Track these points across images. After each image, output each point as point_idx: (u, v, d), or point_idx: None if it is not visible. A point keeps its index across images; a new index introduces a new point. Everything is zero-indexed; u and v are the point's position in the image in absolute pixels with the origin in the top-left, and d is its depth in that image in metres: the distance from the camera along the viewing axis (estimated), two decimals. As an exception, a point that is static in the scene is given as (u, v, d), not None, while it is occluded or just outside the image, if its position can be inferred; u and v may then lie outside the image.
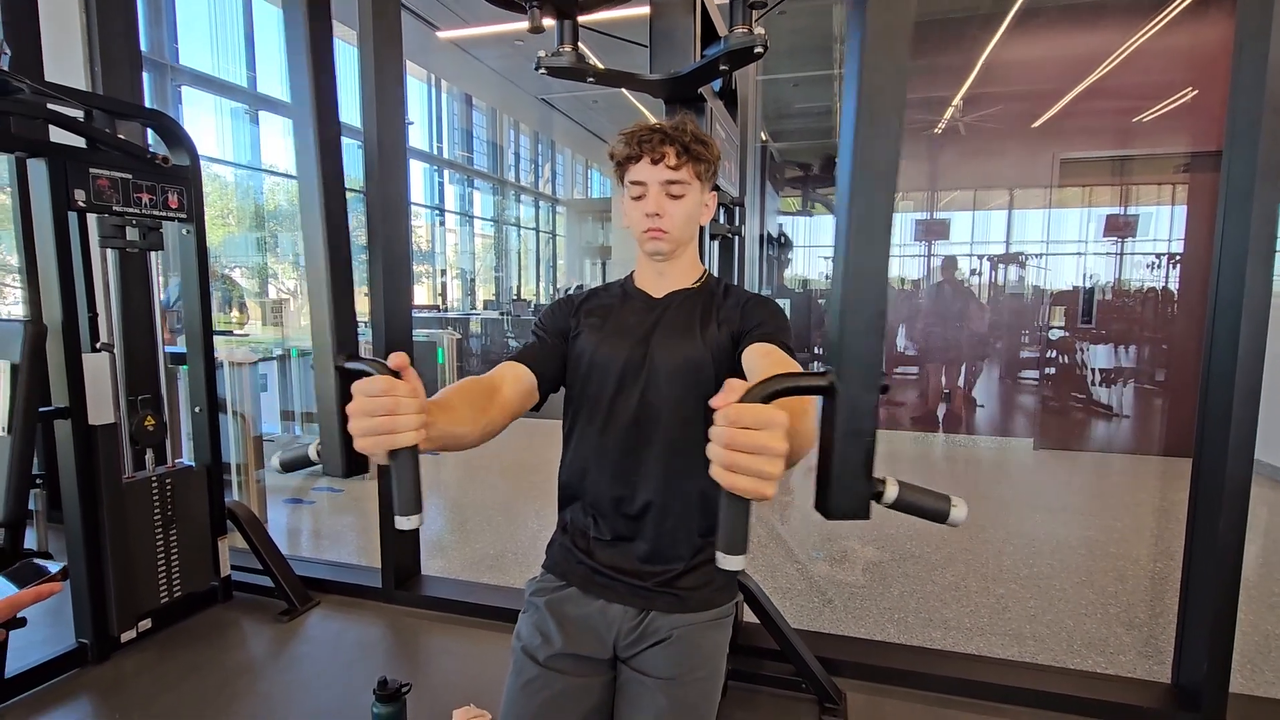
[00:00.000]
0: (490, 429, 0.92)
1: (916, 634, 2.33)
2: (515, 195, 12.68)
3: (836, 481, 0.59)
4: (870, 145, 0.56)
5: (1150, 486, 4.28)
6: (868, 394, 0.58)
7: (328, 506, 3.73)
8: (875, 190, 0.56)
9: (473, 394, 0.92)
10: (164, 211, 1.98)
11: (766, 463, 0.54)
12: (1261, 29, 1.45)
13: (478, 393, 0.93)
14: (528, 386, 1.02)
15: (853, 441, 0.59)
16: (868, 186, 0.56)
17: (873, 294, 0.57)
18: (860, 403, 0.58)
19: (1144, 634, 2.34)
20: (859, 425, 0.59)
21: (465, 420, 0.87)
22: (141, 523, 1.97)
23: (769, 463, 0.54)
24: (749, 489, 0.55)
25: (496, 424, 0.94)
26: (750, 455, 0.54)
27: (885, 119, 0.56)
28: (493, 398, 0.95)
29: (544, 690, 1.02)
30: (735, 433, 0.54)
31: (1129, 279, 5.34)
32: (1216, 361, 1.58)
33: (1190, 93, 4.69)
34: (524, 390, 1.01)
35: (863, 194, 0.56)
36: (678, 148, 1.03)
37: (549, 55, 1.30)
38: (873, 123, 0.56)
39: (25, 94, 1.61)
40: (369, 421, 0.64)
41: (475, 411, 0.89)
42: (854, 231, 0.57)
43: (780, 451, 0.54)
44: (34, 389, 1.70)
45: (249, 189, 7.17)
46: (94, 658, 1.86)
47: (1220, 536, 1.56)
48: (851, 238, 0.57)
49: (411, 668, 1.95)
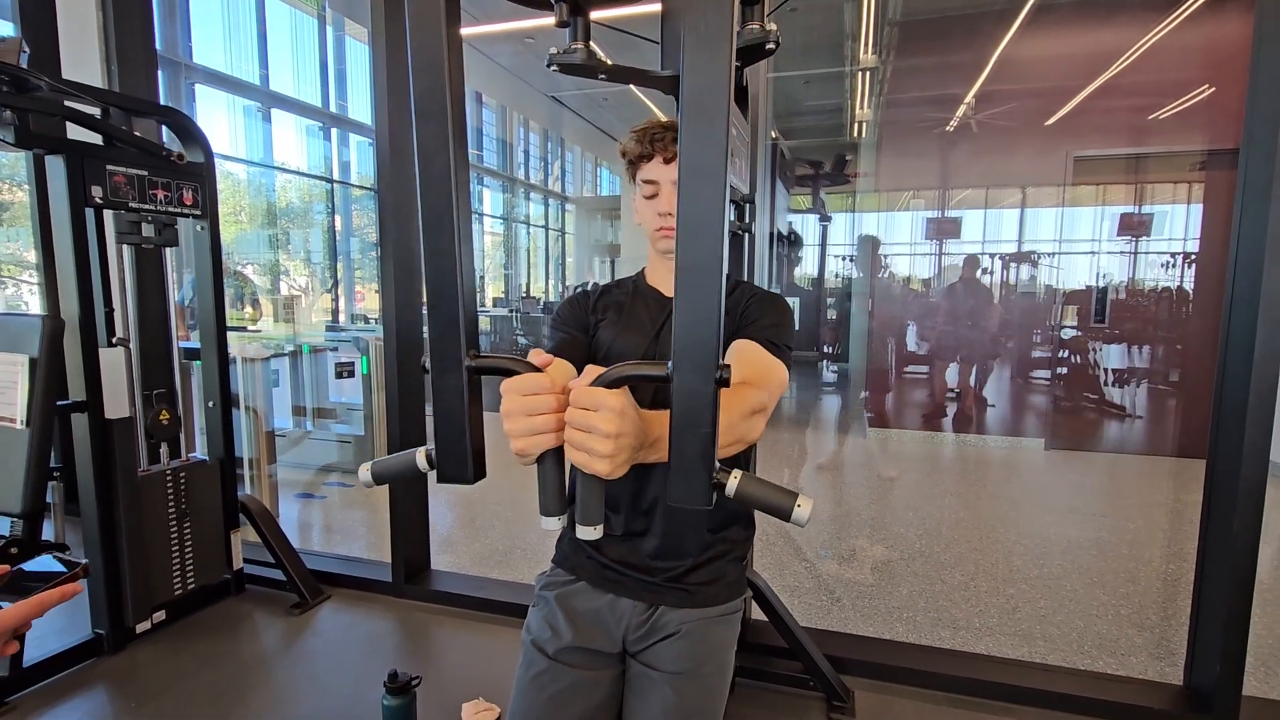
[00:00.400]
0: None
1: (925, 633, 2.32)
2: (525, 193, 12.71)
3: (676, 471, 0.61)
4: (699, 145, 0.57)
5: (1163, 488, 4.24)
6: (703, 385, 0.59)
7: (339, 501, 3.76)
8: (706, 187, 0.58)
9: None
10: (179, 208, 2.00)
11: (595, 440, 0.60)
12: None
13: None
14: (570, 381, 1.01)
15: (690, 432, 0.60)
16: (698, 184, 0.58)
17: (708, 287, 0.59)
18: (696, 394, 0.60)
19: (1156, 635, 2.32)
20: (695, 416, 0.60)
21: None
22: (156, 516, 2.00)
23: (597, 441, 0.60)
24: (581, 463, 0.61)
25: None
26: (583, 433, 0.60)
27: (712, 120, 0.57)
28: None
29: (553, 683, 1.02)
30: (574, 411, 0.61)
31: (1143, 278, 5.29)
32: (1232, 361, 1.56)
33: (1207, 90, 4.63)
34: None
35: (694, 191, 0.58)
36: None
37: (561, 52, 1.30)
38: (701, 123, 0.57)
39: (44, 91, 1.63)
40: (530, 421, 0.63)
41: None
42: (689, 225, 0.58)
43: (606, 432, 0.60)
44: (52, 383, 1.73)
45: (261, 186, 7.23)
46: (110, 648, 1.89)
47: (1234, 537, 1.55)
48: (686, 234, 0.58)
49: (421, 661, 1.96)
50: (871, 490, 4.06)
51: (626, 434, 0.62)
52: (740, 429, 0.77)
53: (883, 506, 3.71)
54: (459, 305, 0.66)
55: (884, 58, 6.13)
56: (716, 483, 0.62)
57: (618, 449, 0.61)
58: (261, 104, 6.50)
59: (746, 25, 1.18)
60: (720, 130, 0.57)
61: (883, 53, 6.09)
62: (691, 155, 0.58)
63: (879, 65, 6.30)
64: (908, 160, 5.87)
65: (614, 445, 0.60)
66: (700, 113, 0.57)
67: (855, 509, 3.66)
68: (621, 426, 0.61)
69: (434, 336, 0.67)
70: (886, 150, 6.00)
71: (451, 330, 0.66)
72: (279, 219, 7.53)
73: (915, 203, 6.24)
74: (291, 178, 7.56)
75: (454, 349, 0.66)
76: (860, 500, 3.82)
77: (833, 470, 4.58)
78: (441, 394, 0.67)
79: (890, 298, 6.00)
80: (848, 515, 3.56)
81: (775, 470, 4.38)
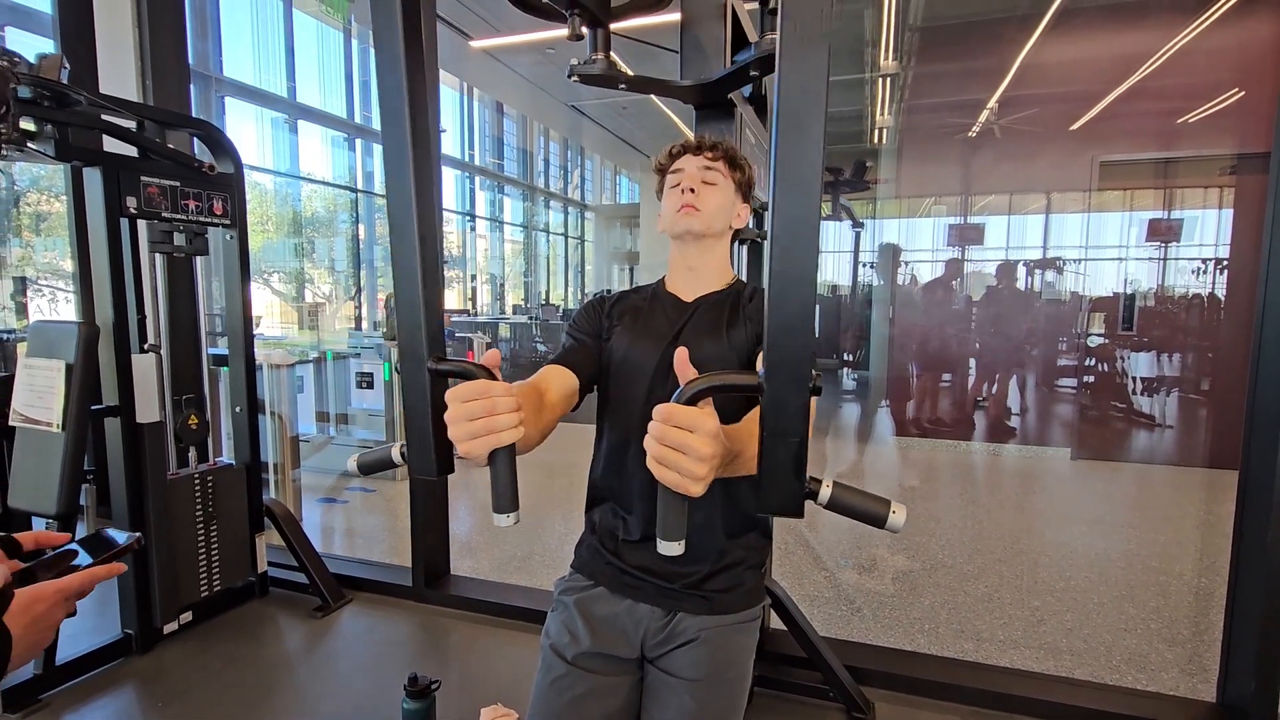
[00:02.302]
0: (546, 431, 0.94)
1: (948, 645, 2.29)
2: (545, 201, 12.81)
3: (769, 480, 0.61)
4: (794, 154, 0.57)
5: (1194, 499, 4.13)
6: (797, 395, 0.59)
7: (361, 506, 3.81)
8: (800, 195, 0.58)
9: (530, 398, 0.92)
10: (209, 217, 2.05)
11: (690, 463, 0.58)
12: (1312, 27, 1.40)
13: (533, 396, 0.94)
14: (571, 388, 1.03)
15: (781, 442, 0.60)
16: (792, 192, 0.58)
17: (801, 296, 0.58)
18: (789, 404, 0.60)
19: (1188, 651, 2.26)
20: (788, 426, 0.60)
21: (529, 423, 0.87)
22: (184, 518, 2.04)
23: (692, 463, 0.58)
24: (674, 484, 0.59)
25: (549, 426, 0.95)
26: (677, 454, 0.58)
27: (808, 129, 0.57)
28: (543, 400, 0.96)
29: (572, 688, 1.03)
30: (666, 430, 0.59)
31: (1172, 285, 5.18)
32: (1265, 370, 1.53)
33: (1237, 93, 4.54)
34: (569, 392, 1.02)
35: (789, 199, 0.58)
36: (718, 150, 1.11)
37: (581, 63, 1.32)
38: (796, 133, 0.57)
39: (83, 105, 1.69)
40: (471, 425, 0.66)
41: (534, 414, 0.90)
42: (782, 235, 0.58)
43: (704, 455, 0.58)
44: (87, 388, 1.78)
45: (287, 196, 7.37)
46: (138, 648, 1.93)
47: (1269, 550, 1.51)
48: (780, 242, 0.58)
49: (441, 665, 1.98)
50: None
51: (718, 455, 0.61)
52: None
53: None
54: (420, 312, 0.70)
55: (905, 63, 6.10)
56: (809, 491, 0.62)
57: (711, 471, 0.60)
58: (289, 116, 6.64)
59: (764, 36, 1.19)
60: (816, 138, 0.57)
61: (904, 58, 6.05)
62: (786, 165, 0.57)
63: (900, 71, 6.27)
64: (929, 166, 5.83)
65: (708, 468, 0.59)
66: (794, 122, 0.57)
67: (876, 518, 3.62)
68: (716, 449, 0.60)
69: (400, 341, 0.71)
70: (907, 156, 5.96)
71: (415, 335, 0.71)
72: (304, 228, 7.67)
73: (937, 209, 6.19)
74: (316, 187, 7.71)
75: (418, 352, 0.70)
76: (881, 509, 3.76)
77: (853, 479, 4.54)
78: (408, 394, 0.72)
79: (912, 304, 5.95)
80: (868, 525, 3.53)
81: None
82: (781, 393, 0.59)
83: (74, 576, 0.67)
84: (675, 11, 1.57)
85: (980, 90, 5.47)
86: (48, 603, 0.64)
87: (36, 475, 1.77)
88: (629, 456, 1.06)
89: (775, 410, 0.60)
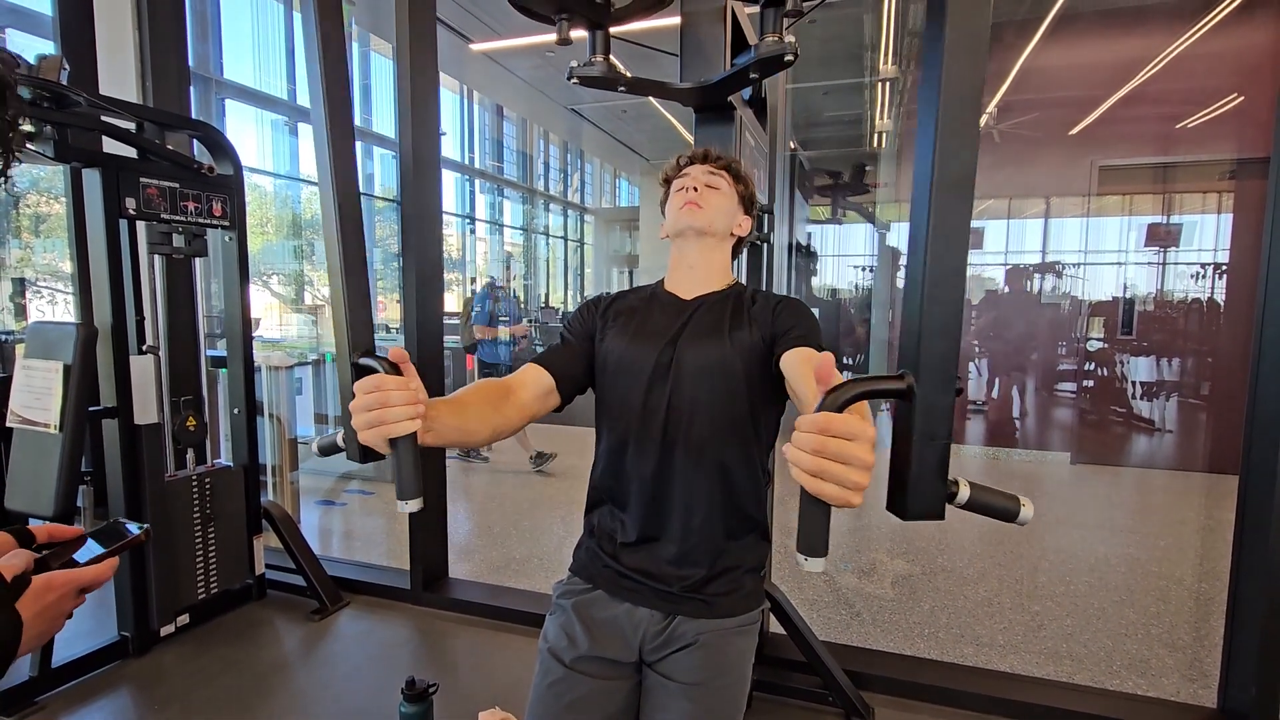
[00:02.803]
0: (503, 427, 0.97)
1: (948, 650, 2.28)
2: (544, 204, 12.82)
3: (913, 483, 0.61)
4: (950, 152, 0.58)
5: (1194, 504, 4.13)
6: (943, 397, 0.60)
7: (358, 508, 3.80)
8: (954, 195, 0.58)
9: (489, 394, 0.98)
10: (208, 219, 2.05)
11: (854, 473, 0.54)
12: (1312, 31, 1.40)
13: (494, 393, 0.98)
14: (545, 388, 1.05)
15: (929, 444, 0.61)
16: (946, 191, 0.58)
17: (949, 298, 0.59)
18: (936, 406, 0.60)
19: (1188, 656, 2.25)
20: (935, 428, 0.60)
21: (475, 418, 0.93)
22: (182, 520, 2.03)
23: (857, 474, 0.54)
24: (835, 497, 0.55)
25: (512, 423, 0.99)
26: (840, 465, 0.54)
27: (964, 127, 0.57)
28: (508, 398, 1.00)
29: (569, 692, 1.02)
30: (825, 441, 0.55)
31: (1172, 289, 5.19)
32: (1265, 374, 1.52)
33: (1236, 98, 4.55)
34: (541, 392, 1.05)
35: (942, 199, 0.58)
36: (723, 160, 1.15)
37: (581, 65, 1.32)
38: (952, 131, 0.57)
39: (82, 106, 1.69)
40: (365, 415, 0.71)
41: (488, 410, 0.95)
42: (933, 237, 0.58)
43: (869, 463, 0.55)
44: (84, 389, 1.77)
45: (286, 198, 7.37)
46: (135, 651, 1.92)
47: (1269, 554, 1.50)
48: (930, 243, 0.58)
49: (438, 669, 1.97)
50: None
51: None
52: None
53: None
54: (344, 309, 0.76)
55: (904, 68, 6.11)
56: (949, 493, 0.63)
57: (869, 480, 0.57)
58: (289, 118, 6.65)
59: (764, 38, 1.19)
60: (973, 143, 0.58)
61: (903, 63, 6.07)
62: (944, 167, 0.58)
63: (899, 76, 6.28)
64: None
65: (869, 477, 0.55)
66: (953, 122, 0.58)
67: (875, 522, 3.62)
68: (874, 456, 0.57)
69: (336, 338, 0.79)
70: (908, 160, 5.97)
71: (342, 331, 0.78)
72: (304, 230, 7.67)
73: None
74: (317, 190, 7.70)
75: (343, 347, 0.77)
76: (880, 513, 3.77)
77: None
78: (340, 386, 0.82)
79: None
80: (867, 528, 3.52)
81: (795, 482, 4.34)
82: (931, 395, 0.60)
83: (87, 569, 0.68)
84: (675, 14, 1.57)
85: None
86: (58, 592, 0.65)
87: (33, 476, 1.76)
88: (626, 457, 1.06)
89: (925, 413, 0.60)
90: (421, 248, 2.17)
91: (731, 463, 1.02)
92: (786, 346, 0.98)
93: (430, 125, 2.17)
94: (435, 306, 2.28)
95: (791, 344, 0.98)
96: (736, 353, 1.02)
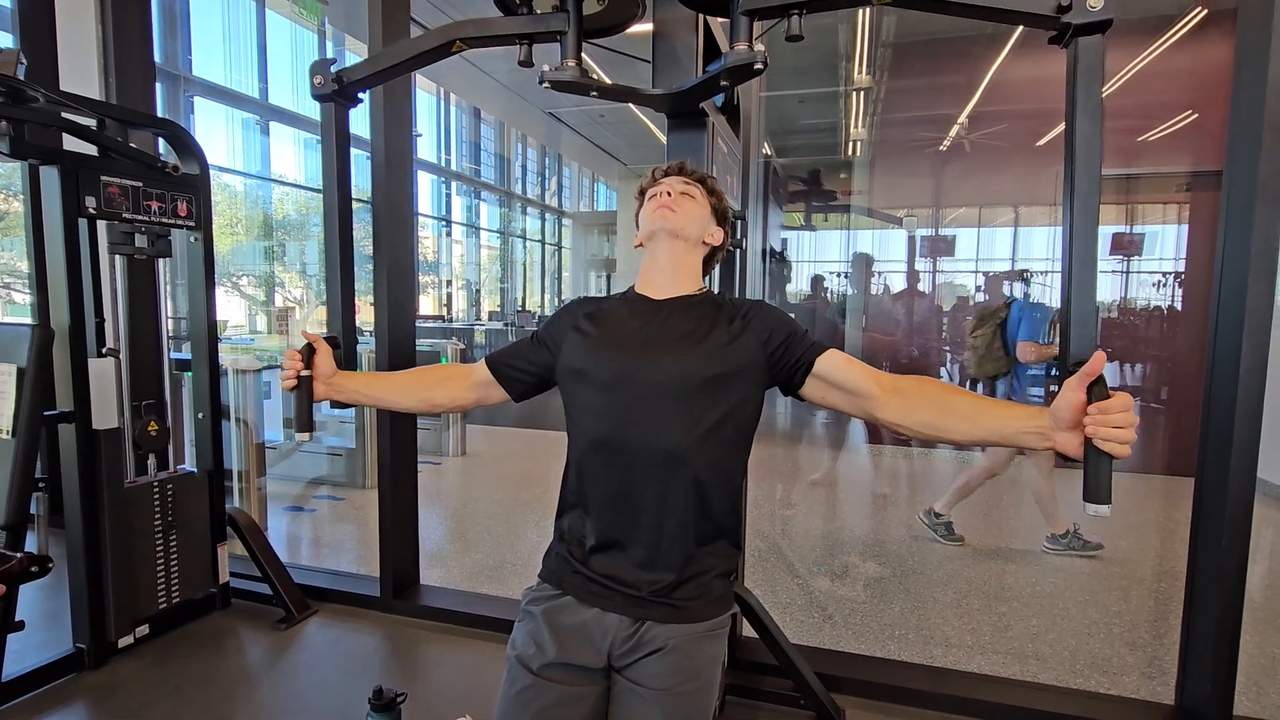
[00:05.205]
0: (429, 404, 1.23)
1: (917, 651, 2.31)
2: (522, 207, 12.77)
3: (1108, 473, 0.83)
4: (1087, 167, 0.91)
5: (1154, 505, 4.24)
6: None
7: (328, 515, 3.73)
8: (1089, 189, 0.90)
9: (424, 375, 1.25)
10: (173, 219, 2.00)
11: (1131, 434, 0.81)
12: (1260, 51, 1.46)
13: (430, 375, 1.25)
14: (481, 380, 1.19)
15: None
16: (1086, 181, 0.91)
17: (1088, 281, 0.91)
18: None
19: (1148, 654, 2.31)
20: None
21: (396, 390, 1.25)
22: (142, 528, 1.98)
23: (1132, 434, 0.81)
24: (1128, 453, 0.81)
25: (437, 403, 1.23)
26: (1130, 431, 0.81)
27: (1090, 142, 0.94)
28: (444, 383, 1.23)
29: (537, 699, 1.01)
30: (1125, 416, 0.80)
31: (1134, 297, 5.34)
32: (1218, 379, 1.57)
33: (1191, 115, 4.71)
34: (476, 383, 1.20)
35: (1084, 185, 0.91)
36: (697, 174, 1.19)
37: (553, 69, 1.32)
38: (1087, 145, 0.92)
39: (40, 103, 1.64)
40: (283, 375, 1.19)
41: (414, 386, 1.23)
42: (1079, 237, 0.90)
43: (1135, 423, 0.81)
44: (39, 393, 1.72)
45: (258, 198, 7.24)
46: (91, 663, 1.86)
47: (1223, 555, 1.55)
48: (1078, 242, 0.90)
49: (408, 678, 1.94)
50: (864, 506, 4.05)
51: None
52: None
53: (876, 522, 3.70)
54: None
55: (878, 78, 6.22)
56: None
57: None
58: (260, 117, 6.53)
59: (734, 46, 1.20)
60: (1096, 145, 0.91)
61: (877, 73, 6.17)
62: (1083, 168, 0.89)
63: (873, 85, 6.39)
64: (901, 178, 5.93)
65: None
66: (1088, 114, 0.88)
67: (848, 525, 3.65)
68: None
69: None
70: (880, 168, 6.07)
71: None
72: (275, 231, 7.54)
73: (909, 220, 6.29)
74: (289, 190, 7.58)
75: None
76: (854, 516, 3.81)
77: (825, 486, 4.57)
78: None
79: (882, 313, 6.04)
80: (839, 531, 3.56)
81: (769, 486, 4.37)
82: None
83: None
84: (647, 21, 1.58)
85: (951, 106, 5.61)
86: None
87: (-16, 483, 1.70)
88: (595, 463, 1.05)
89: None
90: (394, 248, 2.15)
91: (701, 469, 1.02)
92: (813, 354, 1.03)
93: (403, 123, 2.14)
94: (408, 308, 2.25)
95: (813, 350, 1.04)
96: (714, 361, 1.02)
